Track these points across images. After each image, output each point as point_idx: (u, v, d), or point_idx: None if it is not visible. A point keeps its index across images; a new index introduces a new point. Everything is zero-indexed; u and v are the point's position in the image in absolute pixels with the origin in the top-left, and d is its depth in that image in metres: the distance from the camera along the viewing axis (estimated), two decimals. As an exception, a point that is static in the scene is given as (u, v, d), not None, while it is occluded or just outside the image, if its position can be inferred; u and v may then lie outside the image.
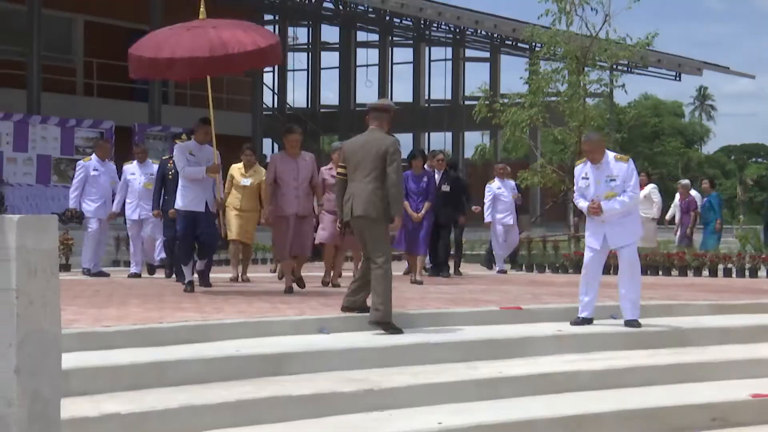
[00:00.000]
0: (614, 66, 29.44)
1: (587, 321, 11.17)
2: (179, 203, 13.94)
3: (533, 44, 32.60)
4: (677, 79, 46.17)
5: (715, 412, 9.22)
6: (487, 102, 26.42)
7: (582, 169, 11.30)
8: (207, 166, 13.69)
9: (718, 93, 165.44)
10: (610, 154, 11.20)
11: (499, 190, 20.26)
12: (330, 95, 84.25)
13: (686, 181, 25.17)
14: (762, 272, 19.24)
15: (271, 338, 9.98)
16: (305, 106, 50.71)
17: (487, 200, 20.37)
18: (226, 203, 15.86)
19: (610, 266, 19.19)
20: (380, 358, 9.57)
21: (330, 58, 51.51)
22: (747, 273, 19.17)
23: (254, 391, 8.29)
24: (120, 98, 34.74)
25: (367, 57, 50.22)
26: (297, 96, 52.68)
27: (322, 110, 50.63)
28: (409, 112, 47.38)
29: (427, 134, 49.51)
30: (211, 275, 14.65)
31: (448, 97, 48.80)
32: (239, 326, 10.13)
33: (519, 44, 41.73)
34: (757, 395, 9.54)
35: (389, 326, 10.33)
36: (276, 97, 49.28)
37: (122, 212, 18.07)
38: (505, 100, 27.07)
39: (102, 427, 7.33)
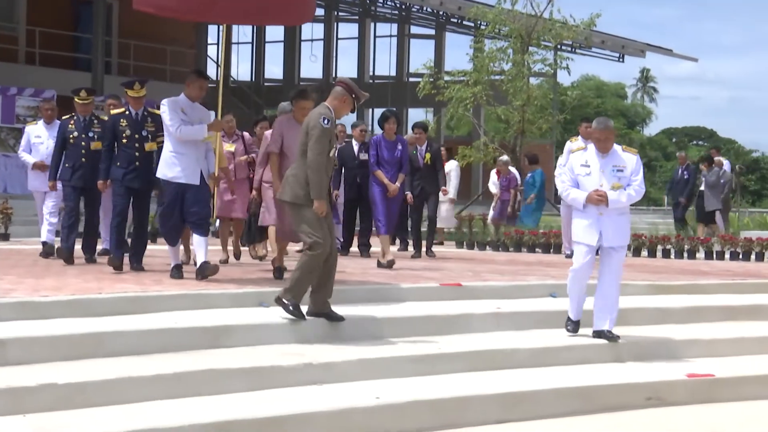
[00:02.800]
0: (558, 46, 29.58)
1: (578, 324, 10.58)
2: (167, 173, 11.70)
3: (478, 22, 32.64)
4: (620, 60, 46.44)
5: (651, 391, 9.34)
6: (431, 79, 26.44)
7: (582, 156, 10.47)
8: (207, 123, 11.82)
9: (661, 75, 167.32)
10: (616, 145, 10.47)
11: None
12: (274, 69, 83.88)
13: (505, 158, 23.83)
14: (700, 254, 19.40)
15: (210, 311, 9.96)
16: (249, 79, 50.46)
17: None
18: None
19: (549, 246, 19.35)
20: (319, 333, 9.59)
21: (275, 32, 51.22)
22: (685, 254, 19.33)
23: (192, 363, 8.29)
24: (62, 67, 34.39)
25: (312, 31, 49.99)
26: (241, 69, 52.19)
27: (266, 84, 50.37)
28: (354, 88, 47.22)
29: (371, 110, 49.41)
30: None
31: (393, 73, 48.70)
32: (178, 298, 10.11)
33: (464, 22, 41.71)
34: (693, 375, 9.67)
35: (288, 308, 9.66)
36: (220, 70, 48.94)
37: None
38: (450, 78, 27.07)
39: (39, 396, 7.31)
